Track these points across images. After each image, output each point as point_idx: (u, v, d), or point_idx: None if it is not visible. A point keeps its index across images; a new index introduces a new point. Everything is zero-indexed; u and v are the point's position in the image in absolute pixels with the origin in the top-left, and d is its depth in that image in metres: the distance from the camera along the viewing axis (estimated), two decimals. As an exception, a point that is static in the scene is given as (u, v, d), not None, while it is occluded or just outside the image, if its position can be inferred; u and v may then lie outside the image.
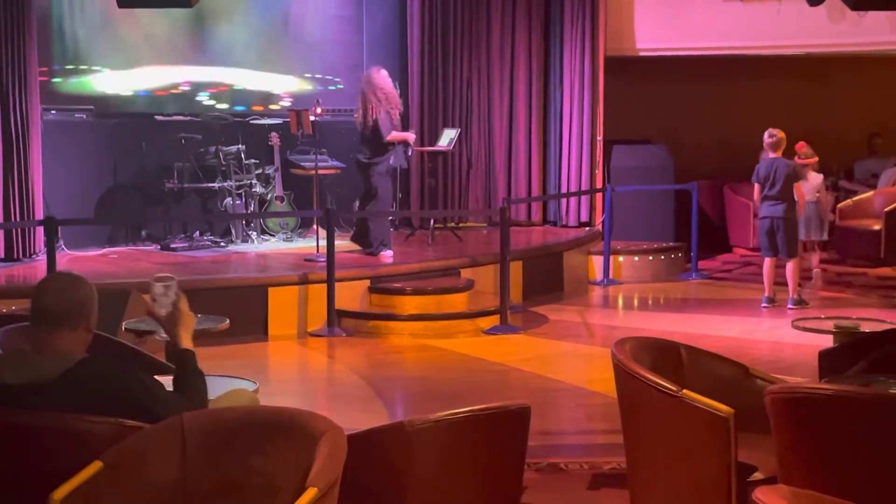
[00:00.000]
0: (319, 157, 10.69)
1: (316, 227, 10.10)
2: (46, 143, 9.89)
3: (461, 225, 12.24)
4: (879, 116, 14.01)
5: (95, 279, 4.33)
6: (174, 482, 3.21)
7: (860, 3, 6.97)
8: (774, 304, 9.79)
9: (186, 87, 11.37)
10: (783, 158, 9.62)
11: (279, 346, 8.60)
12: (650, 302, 10.71)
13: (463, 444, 3.70)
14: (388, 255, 9.94)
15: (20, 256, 9.57)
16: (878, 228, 12.06)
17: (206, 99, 11.50)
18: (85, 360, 3.36)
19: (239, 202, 10.81)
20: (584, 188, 12.25)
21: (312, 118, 10.52)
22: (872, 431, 3.52)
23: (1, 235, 9.44)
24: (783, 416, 3.67)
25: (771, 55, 13.06)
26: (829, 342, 6.18)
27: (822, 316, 7.33)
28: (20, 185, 9.51)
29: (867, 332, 6.07)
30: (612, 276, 11.35)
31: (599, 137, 12.33)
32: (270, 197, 11.09)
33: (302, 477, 2.99)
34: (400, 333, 8.91)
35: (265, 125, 11.30)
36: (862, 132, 14.02)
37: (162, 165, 10.84)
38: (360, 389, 7.33)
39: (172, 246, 10.36)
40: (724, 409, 3.79)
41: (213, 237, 10.76)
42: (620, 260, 11.55)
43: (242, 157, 10.88)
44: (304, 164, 11.22)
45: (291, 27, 12.10)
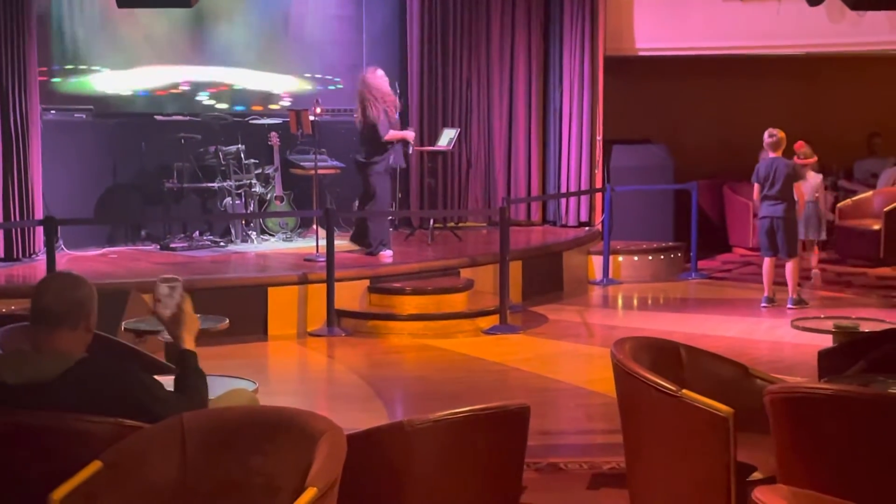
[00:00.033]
0: (319, 156, 10.69)
1: (315, 226, 10.10)
2: (46, 142, 9.89)
3: (461, 225, 12.24)
4: (879, 116, 14.01)
5: (95, 279, 4.34)
6: (174, 482, 3.21)
7: (859, 2, 6.96)
8: (774, 303, 9.79)
9: (186, 87, 11.36)
10: (783, 158, 9.62)
11: (279, 345, 8.60)
12: (650, 302, 10.71)
13: (462, 443, 3.70)
14: (387, 254, 9.94)
15: (20, 256, 9.56)
16: (877, 228, 12.07)
17: (205, 99, 11.50)
18: (84, 359, 3.36)
19: (238, 202, 10.80)
20: (583, 188, 12.24)
21: (312, 118, 10.52)
22: (872, 431, 3.52)
23: (0, 235, 9.43)
24: (782, 415, 3.67)
25: (770, 55, 13.06)
26: (828, 342, 6.19)
27: (821, 316, 7.33)
28: (20, 184, 9.51)
29: (866, 331, 6.08)
30: (611, 275, 11.34)
31: (599, 137, 12.33)
32: (270, 197, 11.09)
33: (301, 477, 2.99)
34: (399, 333, 8.91)
35: (265, 125, 11.29)
36: (861, 132, 14.02)
37: (161, 165, 10.84)
38: (359, 389, 7.33)
39: (172, 246, 10.36)
40: (723, 408, 3.79)
41: (212, 237, 10.75)
42: (620, 260, 11.55)
43: (242, 156, 10.88)
44: (303, 163, 11.22)
45: (291, 27, 12.10)
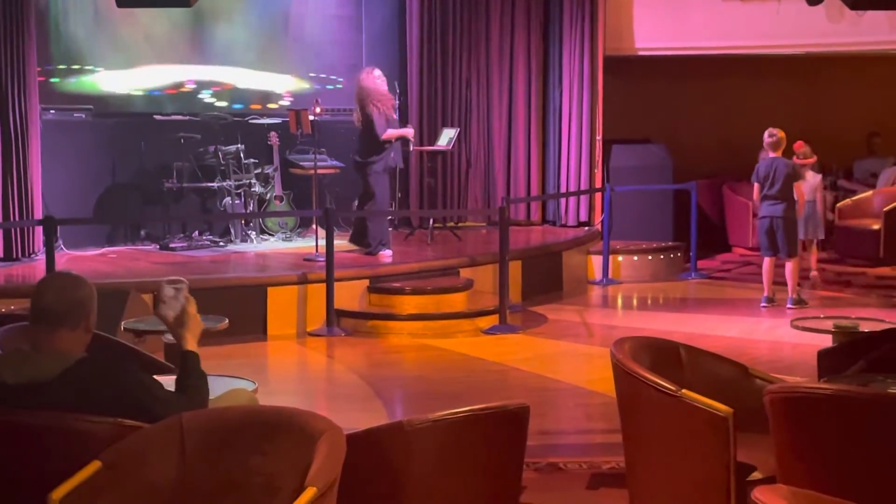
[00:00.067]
0: (318, 156, 10.68)
1: (315, 226, 10.10)
2: (45, 142, 9.89)
3: (460, 224, 12.24)
4: (878, 116, 14.01)
5: (94, 279, 4.33)
6: (173, 482, 3.21)
7: (858, 2, 6.95)
8: (774, 303, 9.78)
9: (186, 86, 11.36)
10: (783, 158, 9.62)
11: (278, 345, 8.60)
12: (649, 301, 10.71)
13: (462, 443, 3.69)
14: (387, 254, 9.93)
15: (19, 256, 9.56)
16: (877, 228, 12.07)
17: (205, 98, 11.50)
18: (84, 359, 3.36)
19: (238, 202, 10.80)
20: (583, 188, 12.25)
21: (312, 118, 10.52)
22: (871, 431, 3.52)
23: (0, 235, 9.43)
24: (782, 415, 3.67)
25: (770, 55, 13.06)
26: (828, 342, 6.19)
27: (821, 315, 7.32)
28: (19, 184, 9.50)
29: (866, 331, 6.07)
30: (611, 275, 11.34)
31: (598, 137, 12.33)
32: (269, 196, 11.09)
33: (301, 476, 2.99)
34: (399, 333, 8.91)
35: (264, 125, 11.29)
36: (861, 132, 14.03)
37: (161, 165, 10.84)
38: (359, 389, 7.33)
39: (171, 245, 10.36)
40: (723, 408, 3.79)
41: (212, 237, 10.75)
42: (620, 259, 11.55)
43: (241, 156, 10.87)
44: (303, 163, 11.21)
45: (291, 27, 12.10)
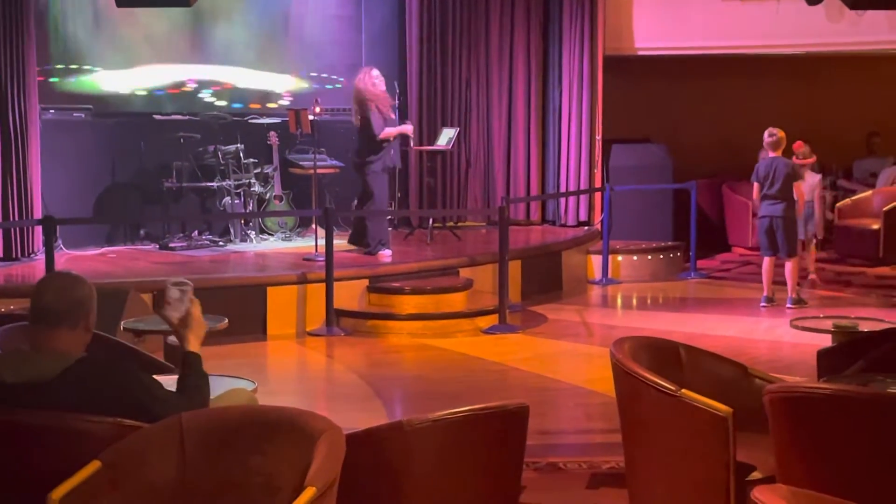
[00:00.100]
0: (318, 156, 10.68)
1: (315, 226, 10.09)
2: (45, 142, 9.89)
3: (460, 224, 12.24)
4: (878, 116, 14.01)
5: (94, 278, 4.33)
6: (173, 482, 3.21)
7: (858, 2, 6.96)
8: (773, 303, 9.78)
9: (185, 86, 11.36)
10: (783, 158, 9.62)
11: (278, 345, 8.60)
12: (649, 301, 10.71)
13: (462, 443, 3.69)
14: (386, 254, 9.93)
15: (19, 256, 9.56)
16: (876, 228, 12.07)
17: (205, 98, 11.50)
18: (84, 359, 3.36)
19: (238, 201, 10.80)
20: (582, 187, 12.25)
21: (311, 117, 10.51)
22: (871, 431, 3.51)
23: (0, 235, 9.43)
24: (782, 415, 3.67)
25: (769, 54, 13.07)
26: (827, 341, 6.19)
27: (820, 315, 7.33)
28: (19, 184, 9.50)
29: (866, 331, 6.08)
30: (610, 275, 11.34)
31: (598, 137, 12.33)
32: (269, 196, 11.09)
33: (301, 476, 2.99)
34: (399, 333, 8.91)
35: (264, 124, 11.29)
36: (861, 131, 14.02)
37: (160, 165, 10.84)
38: (358, 389, 7.33)
39: (171, 245, 10.36)
40: (722, 408, 3.78)
41: (211, 236, 10.75)
42: (619, 259, 11.55)
43: (241, 156, 10.87)
44: (302, 163, 11.21)
45: (291, 26, 12.11)
